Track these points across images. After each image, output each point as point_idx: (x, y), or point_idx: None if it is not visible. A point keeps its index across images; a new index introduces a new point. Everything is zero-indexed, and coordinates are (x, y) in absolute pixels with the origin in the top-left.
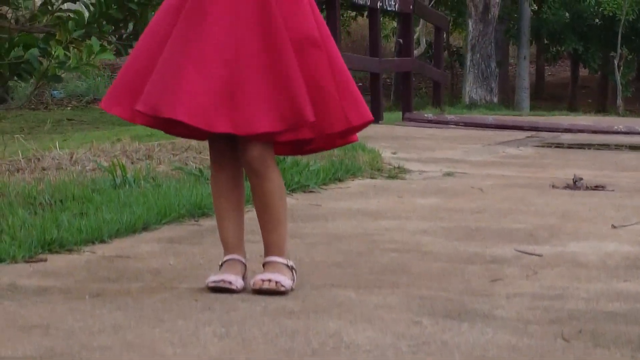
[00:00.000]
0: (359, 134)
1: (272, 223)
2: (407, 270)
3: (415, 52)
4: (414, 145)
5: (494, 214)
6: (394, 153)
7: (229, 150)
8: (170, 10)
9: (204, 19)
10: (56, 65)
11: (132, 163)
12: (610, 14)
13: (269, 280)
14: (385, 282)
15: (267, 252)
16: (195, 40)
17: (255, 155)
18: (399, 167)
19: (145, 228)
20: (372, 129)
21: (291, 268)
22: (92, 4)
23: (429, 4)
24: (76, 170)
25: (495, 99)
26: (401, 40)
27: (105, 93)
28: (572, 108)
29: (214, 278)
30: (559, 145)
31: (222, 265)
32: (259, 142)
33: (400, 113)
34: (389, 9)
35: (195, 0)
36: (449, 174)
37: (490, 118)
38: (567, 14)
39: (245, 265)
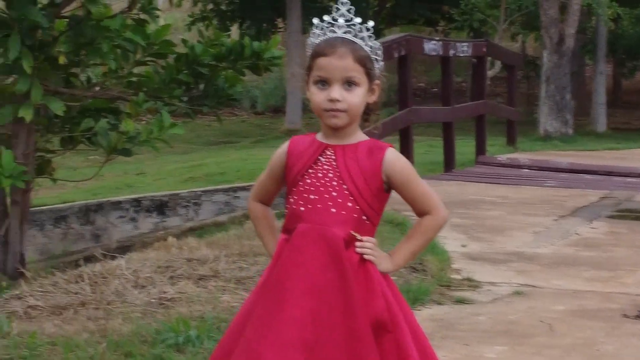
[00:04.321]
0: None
1: None
2: None
3: (490, 73)
4: (483, 223)
5: None
6: (464, 246)
7: None
8: (260, 285)
9: (283, 298)
10: (126, 139)
11: (197, 286)
12: None
13: None
14: None
15: None
16: (272, 323)
17: None
18: (468, 279)
19: None
20: (443, 189)
21: None
22: (162, 67)
23: (504, 22)
24: (142, 302)
25: (571, 131)
26: (475, 60)
27: None
28: None
29: None
30: (633, 215)
31: None
32: None
33: (474, 149)
34: (461, 55)
35: (273, 276)
36: (518, 293)
37: (564, 162)
38: None
39: None
